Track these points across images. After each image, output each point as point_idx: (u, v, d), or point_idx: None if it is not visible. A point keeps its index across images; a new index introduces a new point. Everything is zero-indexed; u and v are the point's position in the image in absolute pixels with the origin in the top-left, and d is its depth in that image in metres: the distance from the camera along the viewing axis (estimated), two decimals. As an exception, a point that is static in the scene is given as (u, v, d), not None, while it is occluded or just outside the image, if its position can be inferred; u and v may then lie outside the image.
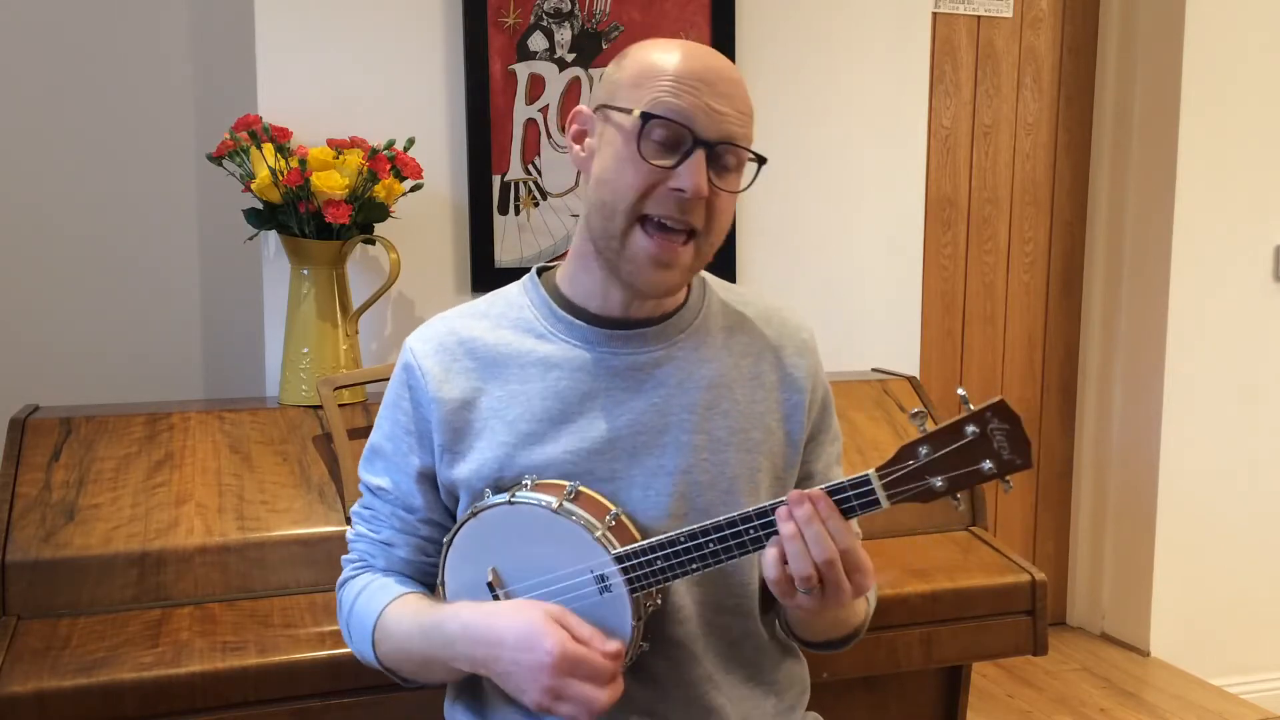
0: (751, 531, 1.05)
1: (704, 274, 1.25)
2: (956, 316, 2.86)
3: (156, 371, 2.23)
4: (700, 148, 1.07)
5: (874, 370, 2.30)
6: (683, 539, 1.06)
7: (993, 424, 0.98)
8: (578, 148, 1.16)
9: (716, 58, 1.11)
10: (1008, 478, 1.00)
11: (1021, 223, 2.89)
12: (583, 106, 1.17)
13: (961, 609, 1.75)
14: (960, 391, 1.03)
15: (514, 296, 1.22)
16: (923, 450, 1.00)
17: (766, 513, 1.04)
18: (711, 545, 1.06)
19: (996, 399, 0.99)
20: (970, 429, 0.99)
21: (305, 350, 1.90)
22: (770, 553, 1.03)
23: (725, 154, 1.10)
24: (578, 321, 1.17)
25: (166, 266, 2.24)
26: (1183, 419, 2.77)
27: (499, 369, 1.16)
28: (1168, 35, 2.70)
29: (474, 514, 1.12)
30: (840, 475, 1.27)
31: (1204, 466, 2.80)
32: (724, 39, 2.27)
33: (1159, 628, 2.82)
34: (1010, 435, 0.98)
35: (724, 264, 2.29)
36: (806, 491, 1.02)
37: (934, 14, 2.68)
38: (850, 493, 1.02)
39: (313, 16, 2.04)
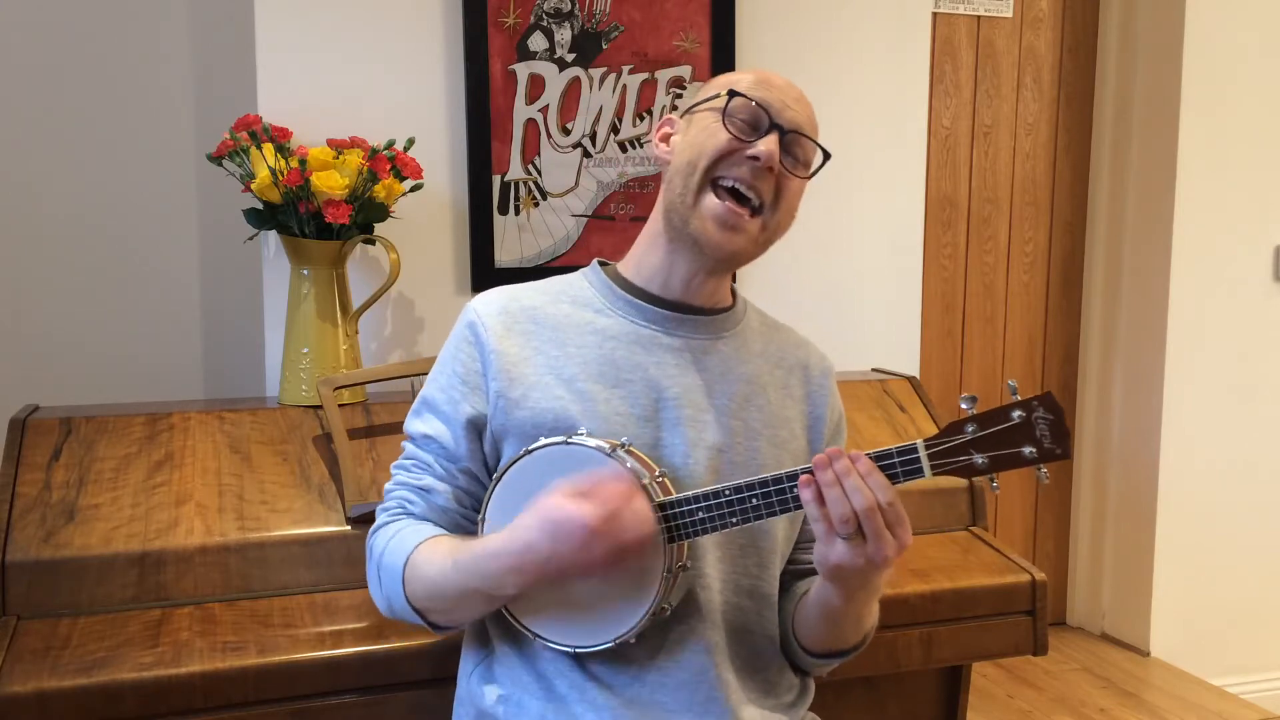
0: (793, 489, 1.09)
1: (744, 296, 1.35)
2: (956, 316, 2.86)
3: (156, 371, 2.23)
4: (775, 130, 1.19)
5: (874, 370, 2.30)
6: (727, 491, 1.11)
7: (1038, 412, 1.05)
8: (664, 147, 1.26)
9: (784, 79, 1.25)
10: (1044, 467, 1.05)
11: (1021, 223, 2.89)
12: (674, 114, 1.29)
13: (961, 609, 1.75)
14: (1011, 382, 1.09)
15: (573, 279, 1.30)
16: (970, 428, 1.06)
17: (811, 470, 1.08)
18: (755, 500, 1.10)
19: (1045, 392, 1.06)
20: (1017, 414, 1.05)
21: (305, 350, 1.90)
22: (806, 492, 1.07)
23: (795, 144, 1.21)
24: (635, 300, 1.25)
25: (166, 267, 2.24)
26: (1183, 419, 2.77)
27: (558, 333, 1.23)
28: (1168, 35, 2.70)
29: (528, 452, 1.15)
30: None
31: (1204, 466, 2.80)
32: (724, 39, 2.27)
33: (1159, 628, 2.82)
34: (1053, 425, 1.05)
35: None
36: (845, 451, 1.07)
37: (934, 14, 2.68)
38: (896, 459, 1.07)
39: (313, 16, 2.04)
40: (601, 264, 1.31)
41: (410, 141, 1.99)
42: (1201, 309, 2.75)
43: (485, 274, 2.15)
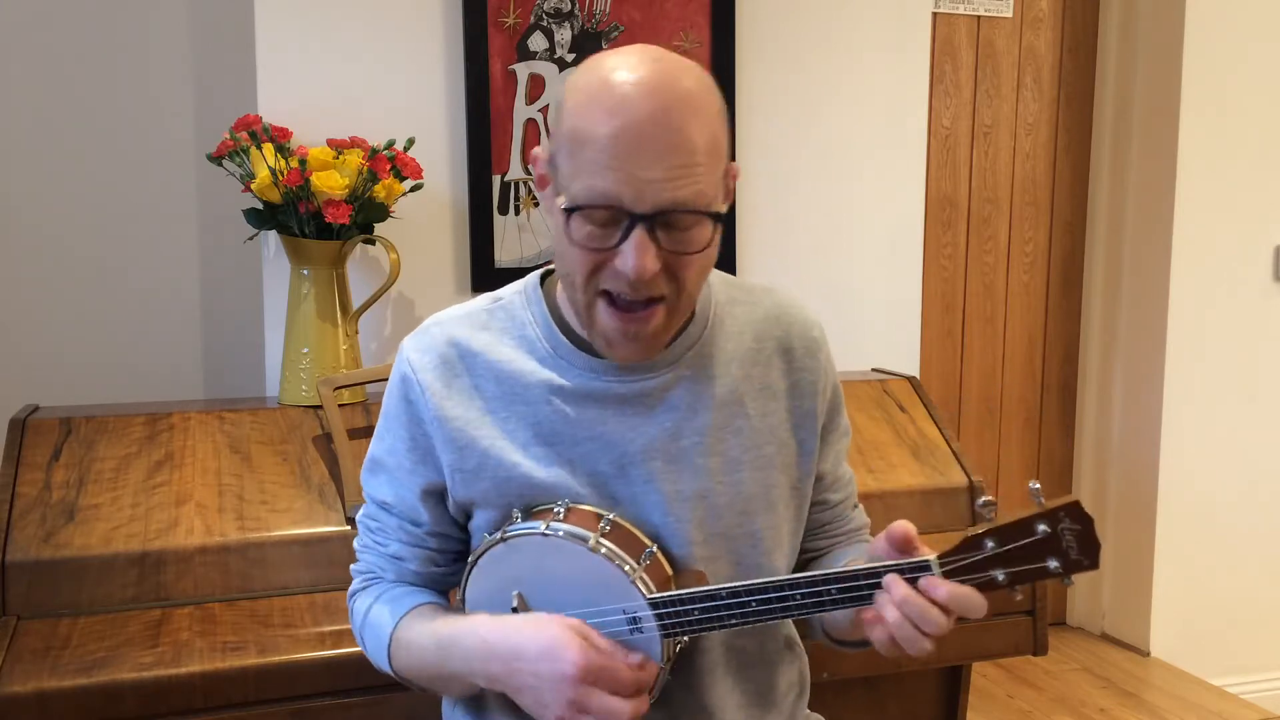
0: (798, 597, 1.02)
1: (711, 276, 1.18)
2: (956, 316, 2.86)
3: (156, 371, 2.23)
4: (639, 223, 0.97)
5: (874, 370, 2.30)
6: (724, 594, 1.03)
7: (1064, 524, 0.96)
8: (542, 193, 1.09)
9: (655, 101, 0.97)
10: (1071, 576, 0.97)
11: (1021, 223, 2.89)
12: (538, 151, 1.09)
13: (961, 609, 1.75)
14: (1034, 485, 0.98)
15: (516, 309, 1.15)
16: (989, 543, 0.98)
17: (817, 582, 1.01)
18: (754, 605, 1.03)
19: (1072, 499, 0.96)
20: (1041, 527, 0.96)
21: (305, 350, 1.90)
22: (879, 635, 1.00)
23: (671, 220, 0.99)
24: (580, 351, 1.11)
25: (166, 266, 2.24)
26: (1183, 419, 2.77)
27: (503, 387, 1.12)
28: (1168, 35, 2.70)
29: (503, 539, 1.08)
30: (846, 470, 1.27)
31: (1204, 466, 2.79)
32: (724, 39, 2.27)
33: (1159, 628, 2.82)
34: (1081, 536, 0.96)
35: (724, 265, 2.29)
36: (896, 580, 0.99)
37: (934, 14, 2.68)
38: (907, 576, 0.99)
39: (313, 16, 2.04)
40: (545, 275, 1.17)
41: (410, 141, 1.99)
42: (1201, 309, 2.75)
43: (485, 274, 2.15)
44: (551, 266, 1.16)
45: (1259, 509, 2.86)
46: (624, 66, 1.00)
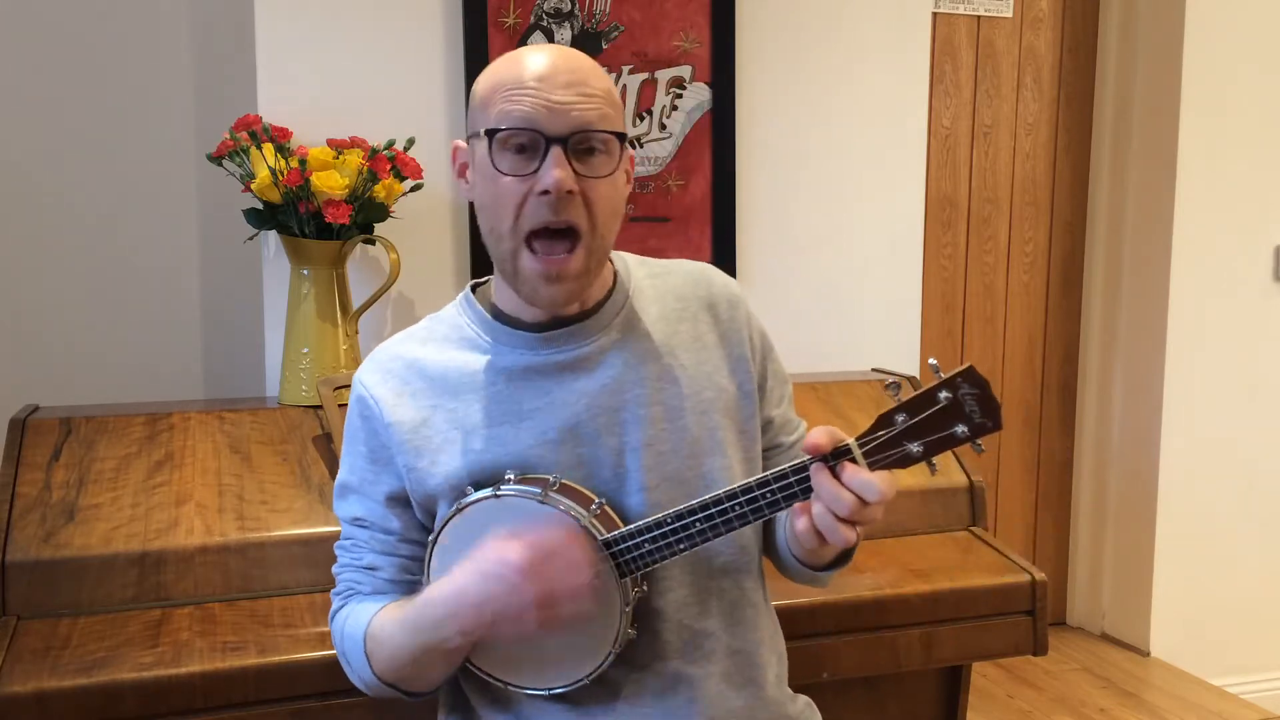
0: (736, 508, 1.07)
1: (622, 254, 1.27)
2: (956, 316, 2.86)
3: (156, 371, 2.23)
4: (554, 144, 1.07)
5: (874, 370, 2.30)
6: (669, 520, 1.08)
7: (963, 389, 1.02)
8: (464, 183, 1.18)
9: (558, 52, 1.12)
10: (979, 440, 1.04)
11: (1021, 223, 2.89)
12: (459, 141, 1.19)
13: (962, 609, 1.75)
14: (932, 361, 1.05)
15: (452, 317, 1.23)
16: (899, 418, 1.03)
17: (751, 488, 1.07)
18: (698, 524, 1.08)
19: (965, 365, 1.02)
20: (943, 395, 1.02)
21: (305, 350, 1.90)
22: (801, 522, 1.05)
23: (584, 143, 1.09)
24: (516, 331, 1.18)
25: (166, 266, 2.24)
26: (1183, 419, 2.77)
27: (449, 383, 1.18)
28: (1168, 35, 2.70)
29: (459, 510, 1.13)
30: (793, 416, 1.32)
31: (1204, 466, 2.79)
32: (724, 39, 2.27)
33: (1159, 628, 2.82)
34: (980, 399, 1.02)
35: (724, 265, 2.29)
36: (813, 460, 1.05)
37: (934, 14, 2.68)
38: (831, 460, 1.04)
39: (313, 16, 2.04)
40: (476, 286, 1.25)
41: (410, 141, 1.99)
42: (1201, 309, 2.75)
43: (485, 274, 2.12)
44: (479, 280, 1.27)
45: (1259, 509, 2.86)
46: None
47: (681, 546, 1.09)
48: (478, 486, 1.13)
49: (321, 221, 1.84)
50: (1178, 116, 2.67)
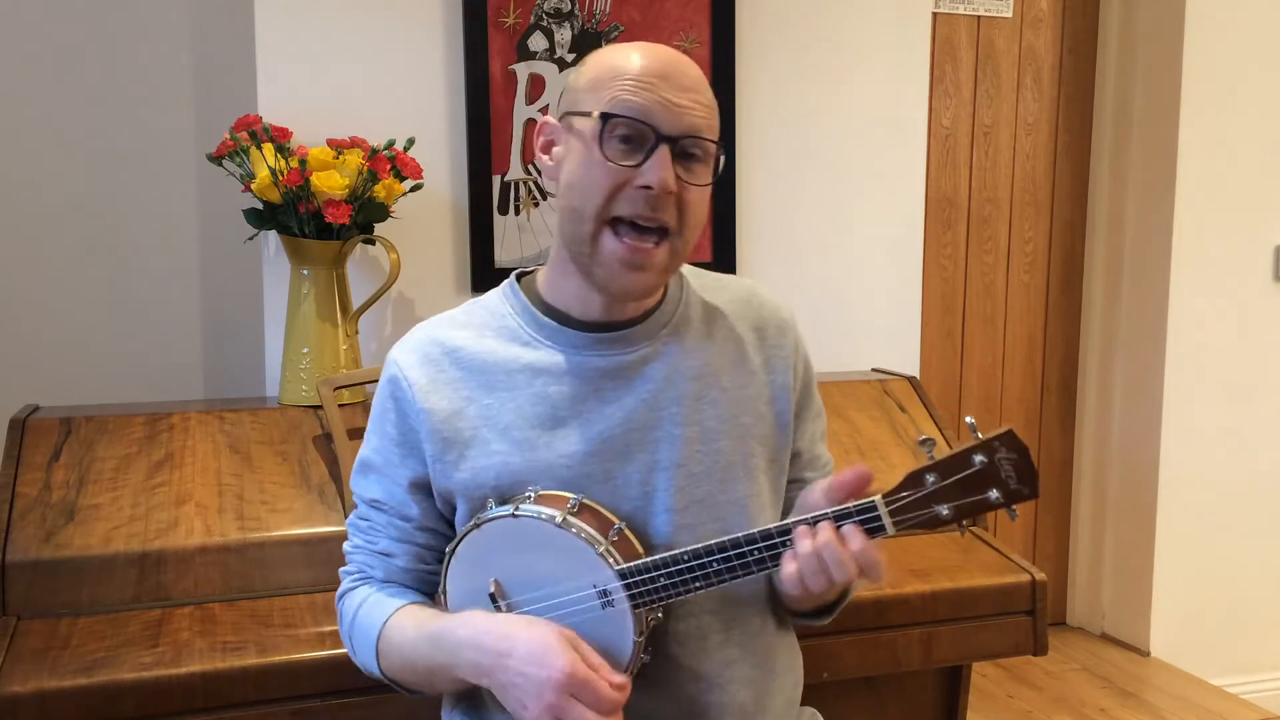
0: (756, 553, 1.05)
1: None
2: (956, 316, 2.86)
3: (156, 371, 2.23)
4: (664, 143, 1.07)
5: (874, 370, 2.30)
6: (686, 558, 1.06)
7: (1000, 453, 0.98)
8: (546, 158, 1.16)
9: (674, 54, 1.12)
10: (1014, 506, 0.99)
11: (1021, 223, 2.89)
12: (548, 118, 1.17)
13: (961, 609, 1.75)
14: (969, 420, 1.01)
15: (495, 305, 1.21)
16: (930, 478, 1.00)
17: (771, 535, 1.05)
18: (715, 565, 1.06)
19: (1005, 429, 0.98)
20: (978, 458, 0.98)
21: (305, 350, 1.90)
22: (790, 569, 1.03)
23: (690, 147, 1.09)
24: (561, 327, 1.16)
25: (166, 267, 2.24)
26: (1183, 419, 2.77)
27: (486, 376, 1.16)
28: (1168, 36, 2.70)
29: (476, 525, 1.12)
30: (824, 452, 1.30)
31: (1204, 466, 2.79)
32: (724, 39, 2.27)
33: (1159, 628, 2.82)
34: (1018, 465, 0.98)
35: (724, 264, 2.29)
36: (822, 523, 1.03)
37: (934, 14, 2.68)
38: (855, 518, 1.02)
39: (313, 16, 2.04)
40: (521, 275, 1.23)
41: (410, 141, 1.99)
42: (1201, 309, 2.75)
43: (485, 274, 2.15)
44: (526, 269, 1.24)
45: (1259, 509, 2.86)
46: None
47: (697, 585, 1.07)
48: (499, 498, 1.12)
49: (321, 221, 1.84)
50: (1178, 116, 2.67)
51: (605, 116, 1.07)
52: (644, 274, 1.10)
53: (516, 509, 1.09)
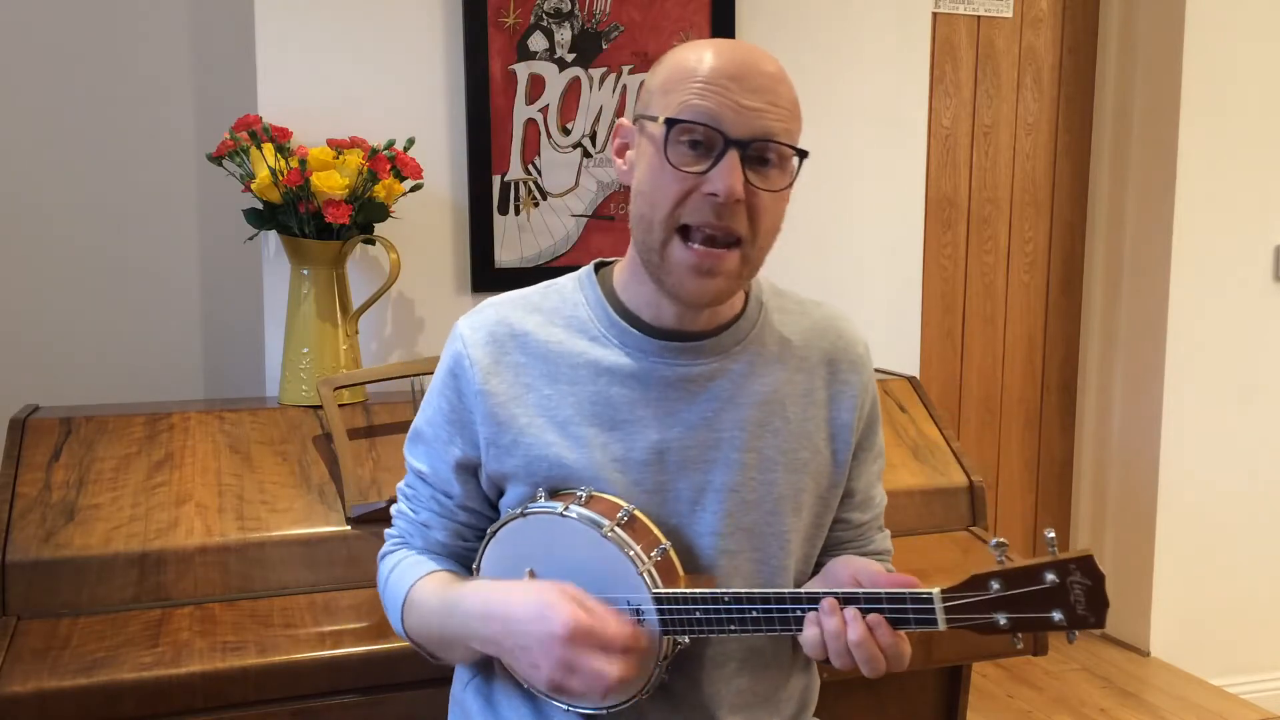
0: (798, 611, 1.03)
1: (761, 280, 1.21)
2: (956, 316, 2.86)
3: (156, 371, 2.23)
4: (733, 148, 1.03)
5: (874, 370, 2.29)
6: (726, 599, 1.03)
7: (1074, 576, 0.94)
8: (620, 162, 1.14)
9: (752, 52, 1.07)
10: (1076, 632, 0.96)
11: (1021, 223, 2.89)
12: (624, 120, 1.15)
13: (961, 609, 1.74)
14: (1049, 534, 0.97)
15: (569, 293, 1.18)
16: (994, 585, 0.97)
17: (818, 598, 1.02)
18: (754, 614, 1.03)
19: (1086, 553, 0.95)
20: (1050, 576, 0.95)
21: (305, 350, 1.90)
22: (810, 634, 1.02)
23: (763, 152, 1.05)
24: (632, 329, 1.14)
25: (166, 266, 2.24)
26: (1183, 419, 2.77)
27: (549, 366, 1.14)
28: (1168, 35, 2.70)
29: (522, 514, 1.11)
30: (880, 495, 1.27)
31: (1204, 466, 2.80)
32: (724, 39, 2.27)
33: (1159, 628, 2.82)
34: (1090, 592, 0.94)
35: (724, 264, 2.29)
36: (866, 617, 1.00)
37: (934, 14, 2.68)
38: (909, 606, 1.00)
39: (313, 16, 2.04)
40: (600, 264, 1.21)
41: (410, 141, 1.99)
42: (1201, 309, 2.75)
43: (485, 274, 2.15)
44: (606, 260, 1.21)
45: (1259, 509, 2.86)
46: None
47: (732, 628, 1.04)
48: (549, 490, 1.11)
49: (321, 221, 1.84)
50: (1178, 116, 2.67)
51: (670, 123, 1.05)
52: (714, 280, 1.07)
53: (566, 508, 1.07)
